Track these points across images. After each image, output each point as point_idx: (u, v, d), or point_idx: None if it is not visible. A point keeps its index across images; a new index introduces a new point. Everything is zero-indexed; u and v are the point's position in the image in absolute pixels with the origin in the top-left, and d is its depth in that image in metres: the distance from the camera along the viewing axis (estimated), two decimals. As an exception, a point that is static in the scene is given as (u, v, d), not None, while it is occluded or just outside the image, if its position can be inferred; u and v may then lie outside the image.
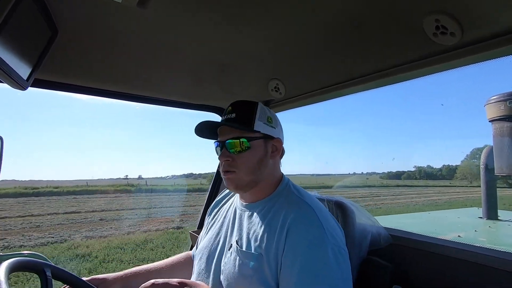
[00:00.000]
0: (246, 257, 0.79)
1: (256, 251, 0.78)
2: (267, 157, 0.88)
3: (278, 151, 0.91)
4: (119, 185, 26.76)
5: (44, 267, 0.73)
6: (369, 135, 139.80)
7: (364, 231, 1.03)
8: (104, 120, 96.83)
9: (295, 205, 0.81)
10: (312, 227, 0.74)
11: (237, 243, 0.84)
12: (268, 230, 0.79)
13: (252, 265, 0.76)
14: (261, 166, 0.86)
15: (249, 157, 0.85)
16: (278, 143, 0.91)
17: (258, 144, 0.86)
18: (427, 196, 24.47)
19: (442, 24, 0.74)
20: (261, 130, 0.87)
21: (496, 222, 5.66)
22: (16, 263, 0.69)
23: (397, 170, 61.38)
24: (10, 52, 0.71)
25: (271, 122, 0.90)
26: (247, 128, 0.85)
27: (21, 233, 8.65)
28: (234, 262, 0.80)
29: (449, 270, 0.95)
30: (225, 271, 0.81)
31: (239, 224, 0.89)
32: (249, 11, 0.82)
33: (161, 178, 55.43)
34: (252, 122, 0.86)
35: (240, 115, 0.87)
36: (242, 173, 0.85)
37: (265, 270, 0.75)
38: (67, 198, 18.56)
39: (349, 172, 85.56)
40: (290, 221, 0.76)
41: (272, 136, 0.89)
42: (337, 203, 1.01)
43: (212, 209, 1.09)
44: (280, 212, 0.81)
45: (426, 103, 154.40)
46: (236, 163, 0.85)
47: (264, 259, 0.76)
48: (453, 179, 47.20)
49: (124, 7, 0.78)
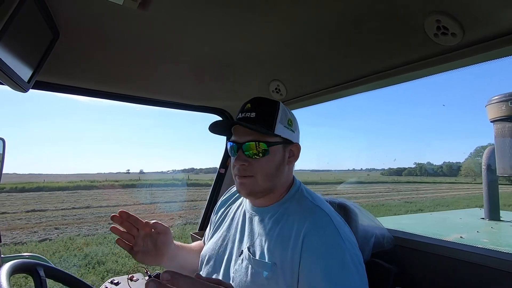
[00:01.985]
0: (259, 266, 0.75)
1: (270, 260, 0.74)
2: (285, 163, 0.82)
3: (295, 157, 0.85)
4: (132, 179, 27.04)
5: (36, 267, 0.73)
6: (370, 135, 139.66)
7: (367, 233, 1.02)
8: (106, 116, 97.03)
9: (309, 212, 0.77)
10: (328, 234, 0.72)
11: (249, 250, 0.79)
12: (282, 238, 0.76)
13: (266, 274, 0.73)
14: (278, 172, 0.81)
15: (267, 162, 0.79)
16: (296, 148, 0.85)
17: (277, 149, 0.80)
18: (446, 192, 24.93)
19: (443, 25, 0.73)
20: (282, 134, 0.80)
21: (499, 223, 5.63)
22: (11, 268, 0.68)
23: (398, 167, 61.12)
24: (12, 54, 0.72)
25: (291, 125, 0.83)
26: (268, 131, 0.78)
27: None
28: (246, 270, 0.76)
29: (452, 272, 0.95)
30: (236, 279, 0.77)
31: (250, 229, 0.84)
32: (250, 13, 0.82)
33: (161, 172, 55.54)
34: (273, 124, 0.79)
35: (260, 115, 0.79)
36: (259, 179, 0.79)
37: (279, 280, 0.71)
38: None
39: (348, 169, 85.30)
40: (305, 229, 0.73)
41: (292, 141, 0.83)
42: (340, 205, 1.00)
43: (219, 208, 1.04)
44: (293, 219, 0.77)
45: (426, 103, 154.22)
46: (252, 168, 0.79)
47: (278, 269, 0.72)
48: (458, 176, 47.45)
49: (125, 9, 0.78)
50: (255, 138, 0.78)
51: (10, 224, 9.29)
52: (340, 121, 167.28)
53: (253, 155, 0.79)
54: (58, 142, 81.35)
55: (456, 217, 6.41)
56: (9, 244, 6.89)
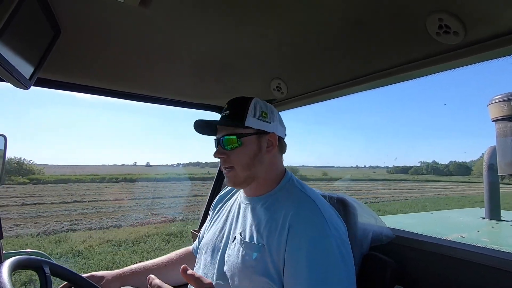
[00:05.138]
0: (249, 248, 0.80)
1: (258, 242, 0.79)
2: (262, 153, 0.88)
3: (273, 146, 0.90)
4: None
5: (42, 264, 0.74)
6: (370, 134, 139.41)
7: (366, 227, 1.02)
8: (116, 113, 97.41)
9: (297, 199, 0.82)
10: (314, 220, 0.75)
11: (241, 235, 0.85)
12: (270, 222, 0.80)
13: (255, 256, 0.77)
14: (255, 161, 0.87)
15: (242, 153, 0.86)
16: (273, 137, 0.90)
17: (250, 140, 0.87)
18: (474, 189, 25.37)
19: (445, 23, 0.73)
20: (253, 126, 0.87)
21: (499, 223, 5.63)
22: (15, 262, 0.69)
23: (404, 165, 60.80)
24: (13, 51, 0.72)
25: (266, 117, 0.89)
26: (238, 124, 0.86)
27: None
28: (238, 253, 0.81)
29: (451, 270, 0.95)
30: (229, 262, 0.82)
31: (243, 217, 0.90)
32: (251, 10, 0.82)
33: (167, 166, 55.95)
34: (243, 118, 0.86)
35: (232, 112, 0.88)
36: (237, 170, 0.87)
37: (267, 261, 0.76)
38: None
39: (351, 166, 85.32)
40: (292, 214, 0.77)
41: (266, 131, 0.89)
42: (339, 199, 1.00)
43: (217, 204, 1.10)
44: (282, 206, 0.82)
45: (427, 103, 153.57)
46: (230, 160, 0.87)
47: (266, 250, 0.77)
48: (470, 176, 47.79)
49: (126, 6, 0.78)
50: (228, 132, 0.87)
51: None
52: (341, 119, 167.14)
53: (228, 146, 0.87)
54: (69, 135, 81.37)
55: (457, 217, 6.42)
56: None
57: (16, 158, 25.43)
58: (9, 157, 24.59)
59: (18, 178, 22.37)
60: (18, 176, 23.09)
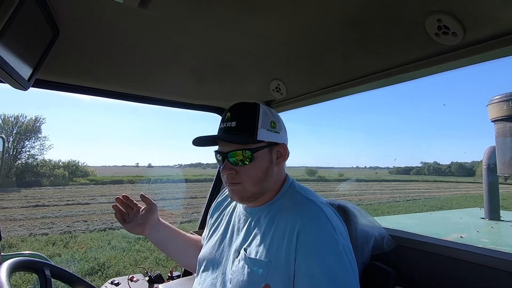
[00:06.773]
0: (255, 265, 0.75)
1: (265, 258, 0.75)
2: (273, 165, 0.83)
3: (283, 157, 0.85)
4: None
5: (43, 267, 0.74)
6: (370, 134, 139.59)
7: (366, 235, 1.01)
8: (116, 113, 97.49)
9: (301, 206, 0.78)
10: (322, 227, 0.72)
11: (245, 251, 0.80)
12: (276, 235, 0.76)
13: (261, 272, 0.73)
14: (267, 176, 0.81)
15: (254, 169, 0.79)
16: (283, 148, 0.85)
17: (262, 154, 0.80)
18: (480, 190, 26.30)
19: (444, 24, 0.73)
20: (265, 139, 0.80)
21: (499, 223, 5.64)
22: (15, 263, 0.69)
23: (406, 166, 60.68)
24: (12, 52, 0.72)
25: (275, 126, 0.83)
26: (249, 140, 0.78)
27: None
28: (243, 270, 0.77)
29: (452, 271, 0.95)
30: (234, 280, 0.78)
31: (246, 230, 0.85)
32: (251, 11, 0.82)
33: (168, 166, 56.13)
34: (255, 131, 0.78)
35: (241, 124, 0.79)
36: (247, 185, 0.80)
37: (275, 277, 0.72)
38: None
39: (351, 166, 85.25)
40: (299, 224, 0.73)
41: (277, 142, 0.83)
42: (339, 206, 0.99)
43: (214, 211, 1.05)
44: (287, 215, 0.78)
45: (427, 103, 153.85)
46: (239, 176, 0.80)
47: (273, 266, 0.73)
48: (475, 176, 48.27)
49: (125, 7, 0.78)
50: (238, 147, 0.79)
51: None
52: (340, 119, 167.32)
53: (239, 162, 0.79)
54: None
55: (456, 217, 6.42)
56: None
57: (73, 161, 26.09)
58: (68, 160, 25.70)
59: (80, 179, 23.04)
60: (80, 177, 23.72)
